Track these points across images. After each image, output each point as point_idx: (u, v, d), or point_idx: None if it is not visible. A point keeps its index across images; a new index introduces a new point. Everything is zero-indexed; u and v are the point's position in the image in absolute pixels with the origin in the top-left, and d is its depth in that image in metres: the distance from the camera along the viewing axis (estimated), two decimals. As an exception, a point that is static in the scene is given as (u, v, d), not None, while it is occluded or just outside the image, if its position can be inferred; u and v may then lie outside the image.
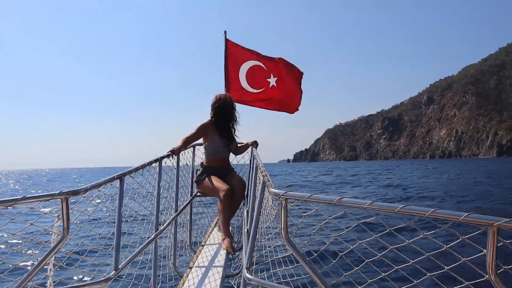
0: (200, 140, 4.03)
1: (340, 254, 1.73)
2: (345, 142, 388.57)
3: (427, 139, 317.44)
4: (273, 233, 2.28)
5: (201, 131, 3.88)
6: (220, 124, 3.97)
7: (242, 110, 4.75)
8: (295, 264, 2.17)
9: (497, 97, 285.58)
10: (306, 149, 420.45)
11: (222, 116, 3.96)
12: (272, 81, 5.21)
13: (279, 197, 1.57)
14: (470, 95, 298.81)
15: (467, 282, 1.29)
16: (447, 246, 1.35)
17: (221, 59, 5.02)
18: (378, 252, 1.59)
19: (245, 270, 1.85)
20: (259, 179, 2.80)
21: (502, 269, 1.15)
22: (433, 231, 1.41)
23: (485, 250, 1.13)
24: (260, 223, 2.16)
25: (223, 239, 3.58)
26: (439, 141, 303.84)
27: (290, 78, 5.25)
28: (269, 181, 1.96)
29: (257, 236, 2.11)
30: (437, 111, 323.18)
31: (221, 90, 4.89)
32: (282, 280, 2.21)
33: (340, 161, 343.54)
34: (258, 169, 2.76)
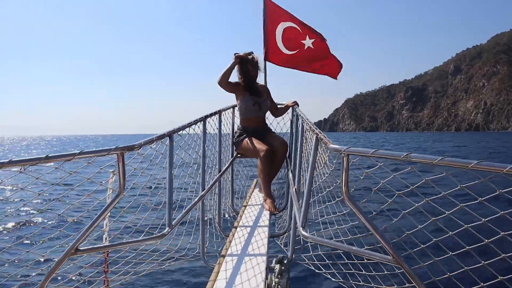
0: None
1: (403, 212, 1.70)
2: (365, 112, 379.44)
3: (453, 111, 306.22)
4: (326, 191, 2.24)
5: (235, 83, 4.00)
6: (246, 82, 3.99)
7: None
8: (350, 223, 2.17)
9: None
10: (325, 118, 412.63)
11: (246, 73, 3.97)
12: (308, 43, 5.08)
13: (341, 153, 1.52)
14: (502, 64, 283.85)
15: None
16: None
17: (251, 20, 4.96)
18: (447, 210, 1.55)
19: (301, 228, 1.84)
20: (307, 138, 2.76)
21: None
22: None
23: None
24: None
25: (265, 200, 3.60)
26: (465, 113, 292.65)
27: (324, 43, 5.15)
28: (325, 137, 1.89)
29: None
30: (465, 82, 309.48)
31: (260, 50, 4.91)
32: (334, 239, 2.21)
33: (360, 131, 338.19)
34: (306, 127, 2.70)
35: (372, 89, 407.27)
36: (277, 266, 2.28)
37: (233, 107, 4.34)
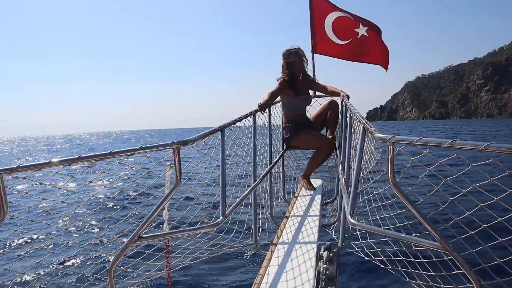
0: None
1: (450, 199, 1.67)
2: (430, 97, 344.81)
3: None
4: (373, 181, 2.26)
5: (282, 86, 3.94)
6: (293, 79, 4.00)
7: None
8: (398, 211, 2.17)
9: None
10: (381, 105, 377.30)
11: (292, 70, 3.99)
12: (362, 30, 4.94)
13: (386, 141, 1.53)
14: None
15: None
16: None
17: (302, 13, 5.00)
18: (495, 196, 1.50)
19: (349, 216, 1.88)
20: (354, 129, 2.79)
21: None
22: None
23: None
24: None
25: (302, 178, 3.94)
26: None
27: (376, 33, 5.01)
28: (372, 127, 1.92)
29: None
30: None
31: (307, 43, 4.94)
32: (382, 227, 2.22)
33: (426, 119, 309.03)
34: (354, 118, 2.73)
35: (436, 71, 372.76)
36: (325, 253, 2.34)
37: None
